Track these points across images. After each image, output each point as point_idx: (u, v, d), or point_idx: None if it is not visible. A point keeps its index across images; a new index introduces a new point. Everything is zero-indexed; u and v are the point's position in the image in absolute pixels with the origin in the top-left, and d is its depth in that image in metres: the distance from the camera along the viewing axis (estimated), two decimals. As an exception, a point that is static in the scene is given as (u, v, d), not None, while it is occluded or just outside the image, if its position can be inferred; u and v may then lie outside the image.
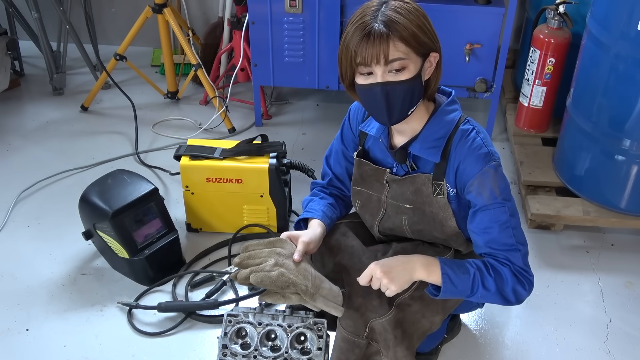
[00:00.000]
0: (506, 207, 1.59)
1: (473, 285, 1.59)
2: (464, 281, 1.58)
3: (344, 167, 1.86)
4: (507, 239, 1.60)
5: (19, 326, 2.09)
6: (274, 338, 1.84)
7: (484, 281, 1.59)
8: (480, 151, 1.58)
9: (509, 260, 1.60)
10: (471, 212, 1.63)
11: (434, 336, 1.88)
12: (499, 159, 1.61)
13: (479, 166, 1.57)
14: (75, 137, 3.00)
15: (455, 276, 1.58)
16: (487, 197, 1.57)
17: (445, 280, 1.58)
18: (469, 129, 1.61)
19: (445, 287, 1.58)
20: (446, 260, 1.62)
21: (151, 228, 2.23)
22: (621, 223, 2.39)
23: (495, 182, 1.57)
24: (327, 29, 2.72)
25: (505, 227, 1.59)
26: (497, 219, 1.59)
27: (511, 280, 1.59)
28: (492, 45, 2.68)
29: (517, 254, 1.61)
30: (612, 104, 2.25)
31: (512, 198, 1.62)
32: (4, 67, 3.13)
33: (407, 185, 1.69)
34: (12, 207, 2.56)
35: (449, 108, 1.64)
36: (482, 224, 1.60)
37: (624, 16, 2.11)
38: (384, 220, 1.78)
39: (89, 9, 3.34)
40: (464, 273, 1.58)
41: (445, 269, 1.59)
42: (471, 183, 1.58)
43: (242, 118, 3.13)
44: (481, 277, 1.59)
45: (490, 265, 1.60)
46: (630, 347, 2.06)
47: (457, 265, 1.61)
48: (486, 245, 1.62)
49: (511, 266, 1.60)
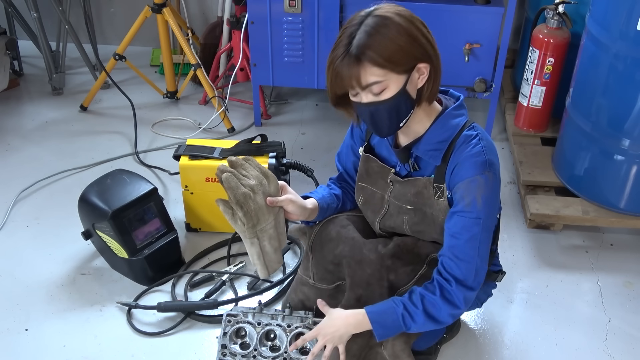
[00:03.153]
0: (481, 221, 1.59)
1: (405, 323, 1.64)
2: (395, 323, 1.65)
3: (352, 162, 1.88)
4: (470, 250, 1.62)
5: (18, 326, 2.09)
6: (274, 338, 1.84)
7: (413, 317, 1.64)
8: (477, 158, 1.58)
9: (454, 276, 1.63)
10: (450, 211, 1.64)
11: (433, 335, 1.88)
12: (496, 170, 1.60)
13: (472, 172, 1.57)
14: (74, 137, 3.00)
15: (384, 321, 1.65)
16: (467, 204, 1.58)
17: (375, 327, 1.65)
18: (473, 134, 1.61)
19: (378, 332, 1.66)
20: (373, 307, 1.67)
21: (150, 228, 2.23)
22: (620, 223, 2.39)
23: (480, 192, 1.57)
24: (327, 29, 2.72)
25: (473, 239, 1.61)
26: (468, 228, 1.60)
27: (444, 306, 1.64)
28: (492, 45, 2.68)
29: (472, 266, 1.63)
30: (611, 104, 2.26)
31: (493, 212, 1.64)
32: (3, 66, 3.13)
33: (409, 187, 1.70)
34: (11, 207, 2.56)
35: (456, 112, 1.64)
36: (455, 227, 1.62)
37: (623, 16, 2.11)
38: (385, 219, 1.79)
39: (89, 8, 3.33)
40: (391, 315, 1.65)
41: (373, 317, 1.65)
42: (459, 186, 1.59)
43: (242, 118, 3.13)
44: (409, 314, 1.64)
45: (422, 296, 1.65)
46: (629, 347, 2.06)
47: (383, 310, 1.66)
48: (449, 249, 1.64)
49: (449, 288, 1.63)
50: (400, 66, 1.48)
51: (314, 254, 1.83)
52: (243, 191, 1.60)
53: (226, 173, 1.61)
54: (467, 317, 2.13)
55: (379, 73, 1.46)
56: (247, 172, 1.65)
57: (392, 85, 1.49)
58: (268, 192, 1.66)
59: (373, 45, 1.44)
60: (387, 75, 1.47)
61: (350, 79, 1.47)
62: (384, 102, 1.50)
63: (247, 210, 1.61)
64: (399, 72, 1.48)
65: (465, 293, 1.63)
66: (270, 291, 2.18)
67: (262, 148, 2.34)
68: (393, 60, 1.46)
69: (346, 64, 1.46)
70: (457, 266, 1.63)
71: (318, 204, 1.79)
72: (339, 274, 1.81)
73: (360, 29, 1.46)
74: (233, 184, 1.60)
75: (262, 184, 1.64)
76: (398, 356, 1.71)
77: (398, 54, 1.46)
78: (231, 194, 1.60)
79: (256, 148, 2.34)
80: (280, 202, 1.68)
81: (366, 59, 1.44)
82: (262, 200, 1.64)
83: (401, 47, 1.46)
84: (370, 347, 1.75)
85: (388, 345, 1.71)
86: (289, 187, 1.73)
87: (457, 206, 1.61)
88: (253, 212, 1.62)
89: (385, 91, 1.49)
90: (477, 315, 2.14)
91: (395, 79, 1.49)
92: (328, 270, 1.82)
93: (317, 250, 1.83)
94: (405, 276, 1.76)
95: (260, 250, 1.67)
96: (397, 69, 1.47)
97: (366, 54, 1.44)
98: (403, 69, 1.49)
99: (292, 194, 1.72)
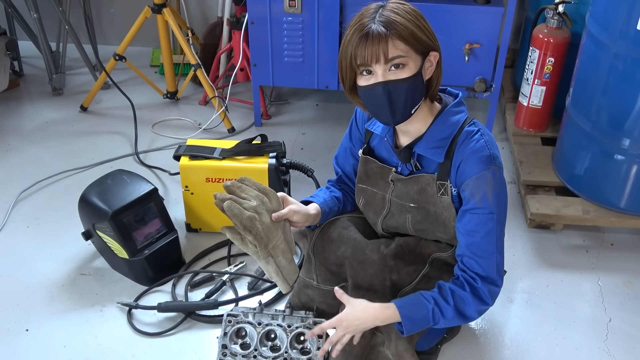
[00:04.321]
0: (494, 215, 1.61)
1: (434, 318, 1.64)
2: (425, 318, 1.63)
3: (352, 164, 1.88)
4: (488, 246, 1.64)
5: (19, 326, 2.09)
6: (274, 338, 1.84)
7: (443, 312, 1.64)
8: (482, 153, 1.59)
9: (477, 274, 1.64)
10: (461, 210, 1.64)
11: (434, 335, 1.89)
12: (500, 163, 1.62)
13: (478, 168, 1.58)
14: (74, 137, 3.00)
15: (414, 316, 1.63)
16: (478, 200, 1.59)
17: (405, 322, 1.63)
18: (474, 130, 1.62)
19: (407, 327, 1.63)
20: (403, 301, 1.65)
21: (151, 228, 2.23)
22: (621, 222, 2.39)
23: (489, 187, 1.58)
24: (327, 29, 2.72)
25: (489, 234, 1.62)
26: (483, 224, 1.61)
27: (473, 302, 1.65)
28: (492, 45, 2.68)
29: (493, 262, 1.65)
30: (611, 104, 2.25)
31: (504, 205, 1.65)
32: (3, 67, 3.13)
33: (412, 184, 1.70)
34: (11, 207, 2.56)
35: (455, 109, 1.65)
36: (469, 226, 1.63)
37: (623, 15, 2.11)
38: (388, 218, 1.79)
39: (88, 9, 3.33)
40: (421, 310, 1.63)
41: (403, 311, 1.63)
42: (467, 183, 1.59)
43: (242, 118, 3.13)
44: (440, 309, 1.64)
45: (452, 291, 1.65)
46: (629, 347, 2.06)
47: (413, 304, 1.65)
48: (467, 247, 1.65)
49: (475, 285, 1.64)
50: (420, 46, 1.53)
51: (316, 256, 1.83)
52: (248, 215, 1.58)
53: (227, 202, 1.58)
54: (468, 317, 2.13)
55: (402, 48, 1.50)
56: (246, 194, 1.63)
57: (412, 63, 1.52)
58: (271, 208, 1.64)
59: (399, 20, 1.50)
60: (409, 53, 1.51)
61: (378, 51, 1.49)
62: (403, 80, 1.52)
63: (256, 233, 1.59)
64: (418, 52, 1.53)
65: (490, 288, 1.66)
66: (271, 291, 2.18)
67: (262, 148, 2.34)
68: (416, 38, 1.51)
69: (373, 38, 1.49)
70: (478, 264, 1.64)
71: (320, 208, 1.79)
72: (342, 275, 1.81)
73: (382, 10, 1.52)
74: (236, 211, 1.57)
75: (263, 202, 1.63)
76: (401, 356, 1.70)
77: (420, 33, 1.52)
78: (237, 221, 1.58)
79: (256, 148, 2.34)
80: (285, 216, 1.67)
81: (393, 32, 1.49)
82: (267, 218, 1.62)
83: (420, 29, 1.53)
84: (372, 346, 1.75)
85: (391, 345, 1.70)
86: (288, 196, 1.73)
87: (468, 204, 1.61)
88: (262, 233, 1.60)
89: (404, 68, 1.52)
90: (477, 315, 2.14)
91: (415, 59, 1.53)
92: (331, 271, 1.82)
93: (319, 253, 1.83)
94: (408, 276, 1.76)
95: (276, 266, 1.66)
96: (417, 47, 1.52)
97: (394, 28, 1.49)
98: (421, 50, 1.54)
99: (294, 203, 1.72)
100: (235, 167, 2.30)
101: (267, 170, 2.28)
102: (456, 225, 1.66)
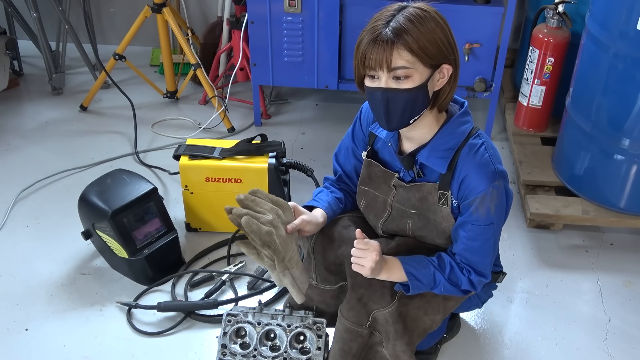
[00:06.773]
0: (494, 225, 1.64)
1: (435, 278, 1.67)
2: (427, 276, 1.66)
3: (353, 164, 1.87)
4: (485, 251, 1.68)
5: (18, 326, 2.09)
6: (274, 338, 1.84)
7: (436, 280, 1.67)
8: (487, 169, 1.59)
9: (473, 270, 1.69)
10: (461, 219, 1.64)
11: (434, 335, 1.89)
12: (505, 175, 1.64)
13: (483, 185, 1.59)
14: (74, 136, 3.00)
15: (417, 272, 1.65)
16: (482, 214, 1.61)
17: (410, 278, 1.64)
18: (478, 143, 1.62)
19: (412, 285, 1.65)
20: (406, 258, 1.67)
21: (150, 228, 2.23)
22: (620, 222, 2.39)
23: (493, 202, 1.60)
24: (326, 29, 2.72)
25: (488, 242, 1.67)
26: (483, 235, 1.65)
27: (464, 283, 1.69)
28: (491, 44, 2.68)
29: (488, 262, 1.70)
30: (611, 104, 2.25)
31: (506, 212, 1.68)
32: (3, 66, 3.13)
33: (414, 191, 1.70)
34: (11, 206, 2.56)
35: (462, 119, 1.64)
36: (469, 234, 1.65)
37: (623, 15, 2.11)
38: (388, 222, 1.78)
39: (88, 8, 3.33)
40: (424, 268, 1.66)
41: (407, 268, 1.65)
42: (474, 199, 1.60)
43: (242, 118, 3.13)
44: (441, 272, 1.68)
45: (450, 266, 1.69)
46: (629, 347, 2.06)
47: (416, 261, 1.67)
48: (465, 250, 1.67)
49: (469, 276, 1.69)
50: (430, 59, 1.50)
51: (315, 256, 1.83)
52: (266, 230, 1.56)
53: (244, 217, 1.55)
54: (467, 317, 2.13)
55: (408, 59, 1.48)
56: (261, 208, 1.60)
57: (416, 76, 1.50)
58: (285, 220, 1.63)
59: (411, 30, 1.47)
60: (415, 65, 1.49)
61: (382, 59, 1.47)
62: (403, 91, 1.50)
63: (275, 247, 1.57)
64: (426, 65, 1.50)
65: (480, 279, 1.70)
66: (270, 291, 2.18)
67: (262, 148, 2.34)
68: (426, 51, 1.48)
69: (380, 44, 1.47)
70: (474, 262, 1.69)
71: (326, 214, 1.78)
72: (341, 275, 1.80)
73: (399, 15, 1.49)
74: (254, 227, 1.55)
75: (278, 214, 1.61)
76: (399, 357, 1.70)
77: (431, 46, 1.49)
78: (256, 237, 1.55)
79: (256, 148, 2.34)
80: (298, 227, 1.66)
81: (401, 42, 1.46)
82: (283, 231, 1.60)
83: (436, 41, 1.49)
84: (370, 346, 1.75)
85: (389, 345, 1.70)
86: (298, 206, 1.72)
87: (470, 216, 1.62)
88: (280, 247, 1.58)
89: (408, 80, 1.50)
90: (477, 315, 2.14)
91: (421, 71, 1.50)
92: (330, 271, 1.82)
93: (319, 252, 1.82)
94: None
95: (292, 278, 1.64)
96: (426, 60, 1.49)
97: (402, 37, 1.46)
98: (430, 64, 1.51)
99: (304, 212, 1.71)
100: (235, 167, 2.30)
101: (267, 170, 2.28)
102: (454, 230, 1.67)
